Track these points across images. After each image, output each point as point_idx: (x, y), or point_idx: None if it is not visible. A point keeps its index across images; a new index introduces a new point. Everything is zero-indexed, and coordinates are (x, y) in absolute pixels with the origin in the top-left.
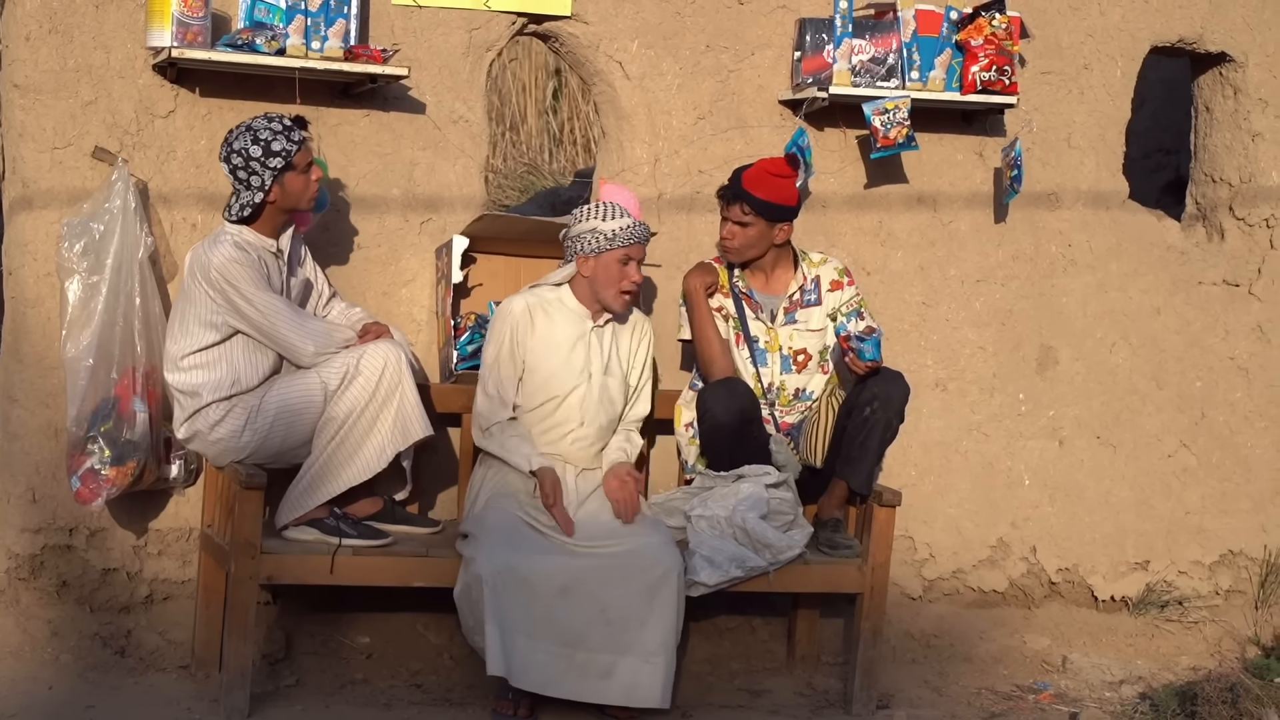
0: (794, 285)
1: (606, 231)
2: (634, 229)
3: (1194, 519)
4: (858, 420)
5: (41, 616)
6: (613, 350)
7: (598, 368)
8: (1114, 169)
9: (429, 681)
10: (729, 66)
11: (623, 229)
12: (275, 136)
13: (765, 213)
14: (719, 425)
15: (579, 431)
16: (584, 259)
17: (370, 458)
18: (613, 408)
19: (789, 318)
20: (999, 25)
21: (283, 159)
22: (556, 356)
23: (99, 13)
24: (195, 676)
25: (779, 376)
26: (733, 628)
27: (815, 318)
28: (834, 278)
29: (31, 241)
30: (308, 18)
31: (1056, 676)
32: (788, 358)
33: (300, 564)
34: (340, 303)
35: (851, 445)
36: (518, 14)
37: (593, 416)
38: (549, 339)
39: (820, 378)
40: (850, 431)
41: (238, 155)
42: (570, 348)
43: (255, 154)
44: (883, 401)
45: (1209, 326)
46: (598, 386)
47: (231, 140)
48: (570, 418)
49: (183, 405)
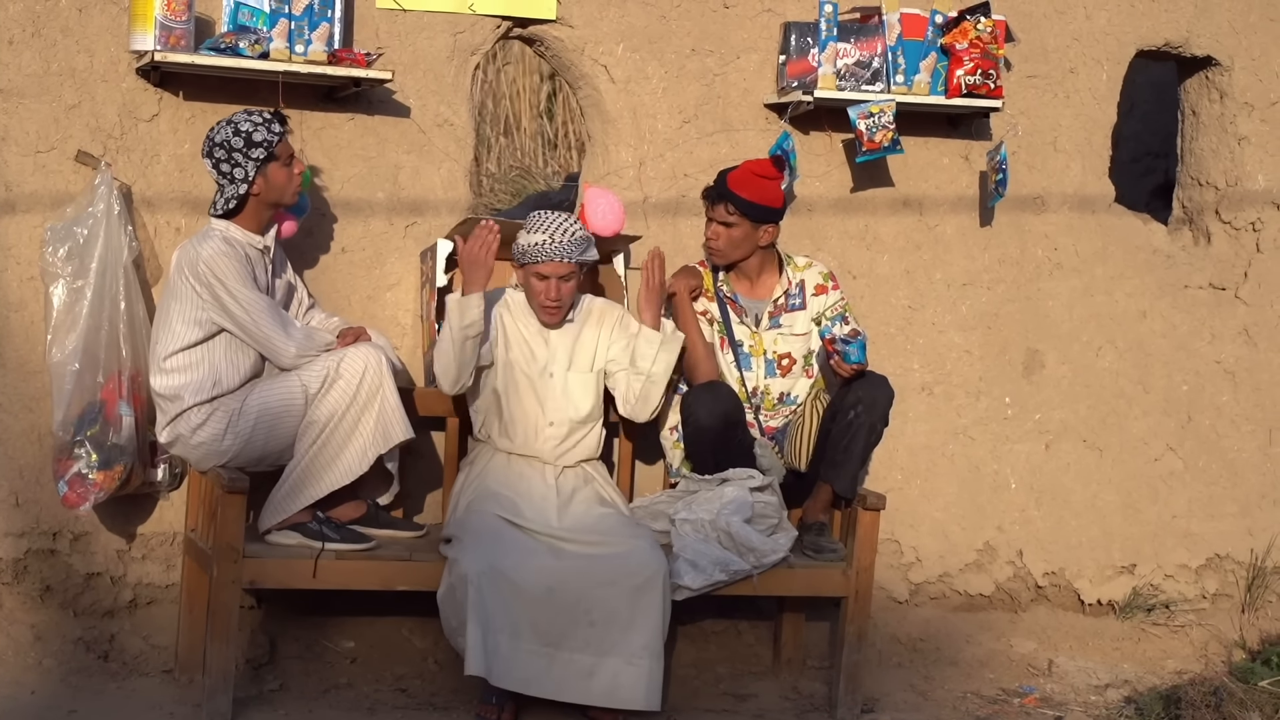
0: (779, 290)
1: (521, 245)
2: (543, 247)
3: (1180, 523)
4: (842, 424)
5: (25, 621)
6: (575, 346)
7: (560, 365)
8: (1100, 172)
9: (414, 686)
10: (714, 70)
11: (533, 246)
12: (256, 128)
13: (750, 213)
14: (703, 429)
15: (549, 431)
16: (516, 266)
17: (352, 461)
18: (581, 404)
19: (773, 322)
20: (984, 29)
21: (264, 149)
22: (519, 355)
23: (82, 16)
24: (179, 681)
25: (763, 381)
26: (718, 631)
27: (800, 322)
28: (819, 282)
29: (14, 245)
30: (291, 21)
31: (1042, 680)
32: (772, 362)
33: (283, 568)
34: (319, 312)
35: (836, 449)
36: (502, 18)
37: (560, 415)
38: (515, 337)
39: (805, 382)
40: (834, 435)
41: (220, 149)
42: (532, 346)
43: (237, 145)
44: (867, 405)
45: (1195, 330)
46: (559, 384)
47: (213, 135)
48: (536, 416)
49: (164, 410)
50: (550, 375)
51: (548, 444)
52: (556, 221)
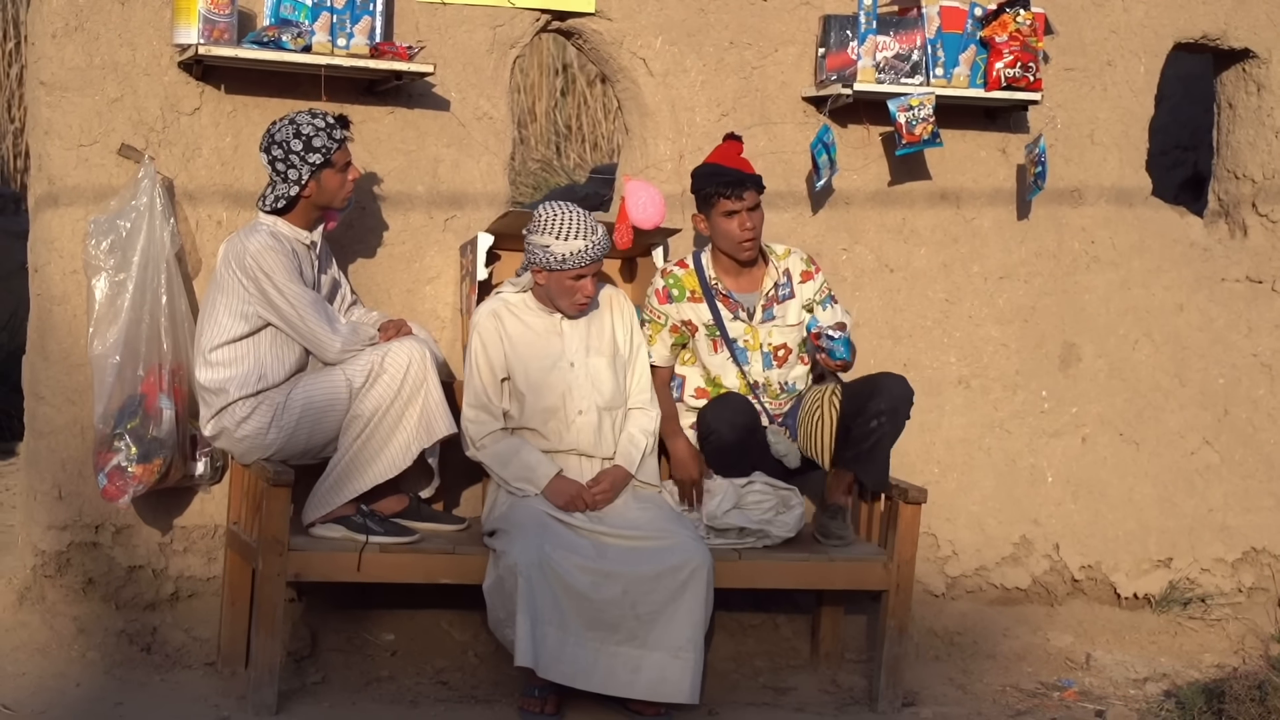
0: (769, 281)
1: (559, 254)
2: (585, 253)
3: (1217, 516)
4: (863, 429)
5: (67, 614)
6: (588, 330)
7: (579, 353)
8: (1137, 165)
9: (454, 679)
10: (752, 63)
11: (573, 254)
12: (317, 133)
13: (762, 188)
14: (725, 444)
15: (580, 420)
16: (538, 269)
17: (396, 455)
18: (607, 387)
19: (767, 314)
20: (1024, 22)
21: (322, 155)
22: (533, 352)
23: (124, 10)
24: (221, 673)
25: (763, 373)
26: (756, 625)
27: (792, 311)
28: (803, 268)
29: (57, 239)
30: (333, 14)
31: (1080, 674)
32: (768, 354)
33: (328, 561)
34: (359, 308)
35: (859, 447)
36: (541, 11)
37: (589, 402)
38: (522, 338)
39: (801, 368)
40: (856, 434)
41: (278, 147)
42: (545, 341)
43: (295, 148)
44: (889, 415)
45: (1232, 323)
46: (583, 371)
47: (274, 131)
48: (567, 408)
49: (209, 403)
50: (571, 365)
51: (584, 434)
52: (588, 224)
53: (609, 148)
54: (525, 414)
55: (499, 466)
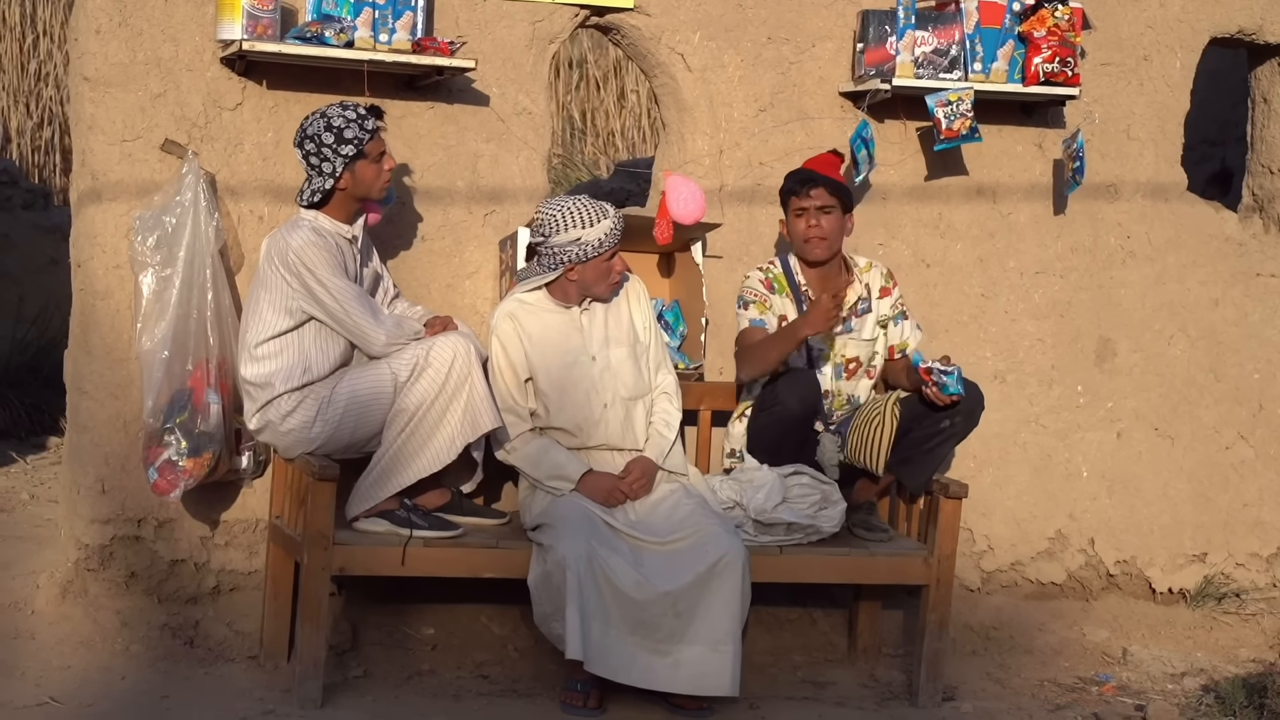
0: (853, 295)
1: (593, 240)
2: (614, 230)
3: (1252, 511)
4: (931, 428)
5: (110, 607)
6: (606, 322)
7: (599, 346)
8: (1173, 160)
9: (495, 673)
10: (790, 58)
11: (606, 234)
12: (349, 124)
13: (842, 195)
14: (791, 416)
15: (607, 414)
16: (571, 267)
17: (440, 449)
18: (629, 378)
19: (847, 326)
20: (1062, 17)
21: (354, 146)
22: (553, 349)
23: (168, 6)
24: (264, 667)
25: (832, 384)
26: (793, 619)
27: (868, 326)
28: (882, 284)
29: (101, 234)
30: (375, 10)
31: (1117, 668)
32: (840, 366)
33: (372, 555)
34: (403, 302)
35: (916, 448)
36: (580, 6)
37: (613, 394)
38: (542, 336)
39: (866, 382)
40: (918, 435)
41: (310, 141)
42: (565, 338)
43: (328, 140)
44: (965, 416)
45: (1267, 318)
46: (602, 363)
47: (306, 126)
48: (592, 403)
49: (254, 397)
50: (593, 359)
51: (611, 428)
52: (598, 205)
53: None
54: (552, 413)
55: (530, 467)
